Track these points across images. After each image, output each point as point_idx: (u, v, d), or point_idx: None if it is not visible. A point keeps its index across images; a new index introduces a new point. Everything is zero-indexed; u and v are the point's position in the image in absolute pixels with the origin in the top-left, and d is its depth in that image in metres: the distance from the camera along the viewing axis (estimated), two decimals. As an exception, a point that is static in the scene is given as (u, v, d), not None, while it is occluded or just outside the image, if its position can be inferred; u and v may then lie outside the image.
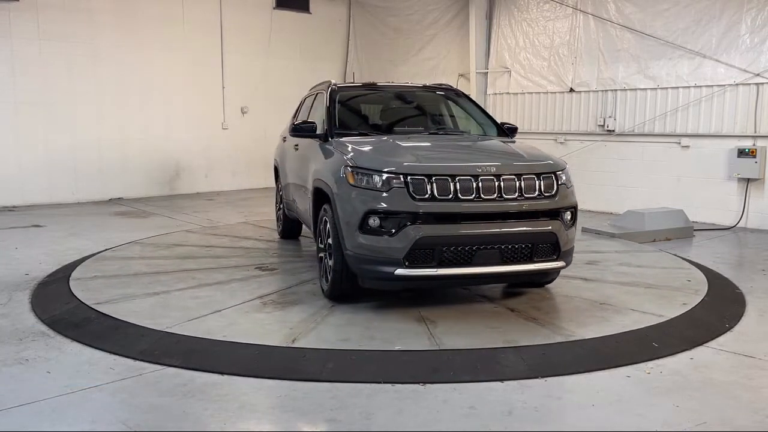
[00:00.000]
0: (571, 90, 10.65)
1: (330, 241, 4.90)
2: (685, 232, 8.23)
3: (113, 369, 3.81)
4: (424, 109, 6.70)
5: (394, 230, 4.42)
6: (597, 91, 10.31)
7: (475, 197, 4.49)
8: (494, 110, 11.46)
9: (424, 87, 6.87)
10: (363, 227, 4.50)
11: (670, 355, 4.07)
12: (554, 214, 4.70)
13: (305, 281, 5.66)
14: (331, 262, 4.90)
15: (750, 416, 3.29)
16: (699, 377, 3.75)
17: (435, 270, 4.47)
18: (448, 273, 4.51)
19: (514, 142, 5.77)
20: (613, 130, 10.11)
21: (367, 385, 3.61)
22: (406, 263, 4.43)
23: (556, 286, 5.52)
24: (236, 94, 12.86)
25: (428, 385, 3.61)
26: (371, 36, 14.07)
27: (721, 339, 4.39)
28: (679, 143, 9.37)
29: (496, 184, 4.54)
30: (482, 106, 6.83)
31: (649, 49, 9.56)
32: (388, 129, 6.11)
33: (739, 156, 8.62)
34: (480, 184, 4.51)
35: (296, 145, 6.52)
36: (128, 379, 3.68)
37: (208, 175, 12.76)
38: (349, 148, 5.08)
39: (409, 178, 4.47)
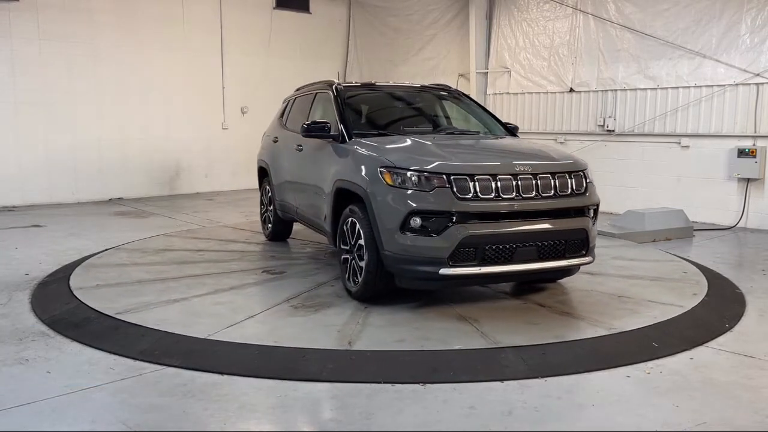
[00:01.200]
0: (571, 90, 10.65)
1: (362, 242, 4.82)
2: (685, 232, 8.23)
3: (113, 369, 3.81)
4: (432, 110, 6.70)
5: (438, 230, 4.42)
6: (597, 91, 10.31)
7: (515, 196, 4.57)
8: (494, 110, 11.43)
9: (428, 87, 6.87)
10: (404, 227, 4.49)
11: (670, 355, 4.07)
12: (584, 211, 4.87)
13: (321, 283, 5.59)
14: (362, 263, 4.84)
15: (750, 416, 3.29)
16: (699, 377, 3.75)
17: (478, 268, 4.52)
18: (490, 271, 4.58)
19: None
20: (613, 130, 10.11)
21: (367, 385, 3.61)
22: (450, 263, 4.44)
23: (567, 281, 5.59)
24: (236, 94, 12.87)
25: (428, 385, 3.60)
26: (371, 36, 14.07)
27: (721, 339, 4.39)
28: (679, 143, 9.37)
29: (534, 182, 4.64)
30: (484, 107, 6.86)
31: (649, 49, 9.56)
32: (401, 129, 6.05)
33: (739, 156, 8.61)
34: (519, 182, 4.59)
35: (299, 146, 6.39)
36: (128, 379, 3.68)
37: (208, 175, 12.76)
38: (379, 148, 5.03)
39: (452, 177, 4.48)
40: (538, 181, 4.65)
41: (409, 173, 4.55)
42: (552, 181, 4.71)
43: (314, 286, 5.53)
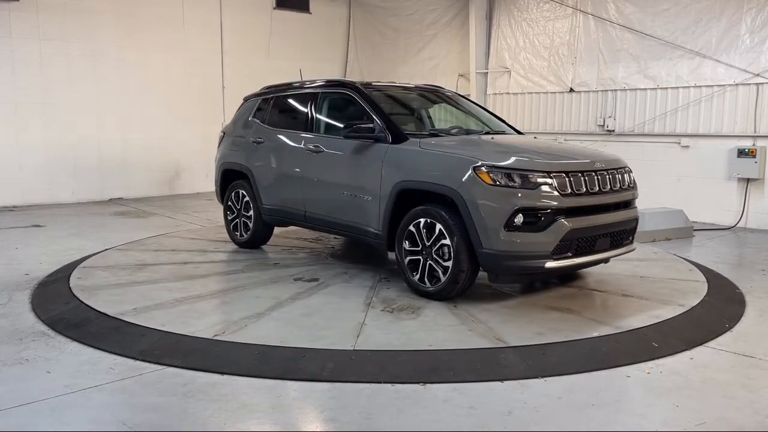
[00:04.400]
0: (571, 90, 10.65)
1: (445, 241, 4.84)
2: (684, 232, 8.23)
3: (113, 369, 3.81)
4: (444, 111, 6.80)
5: (543, 226, 4.60)
6: (597, 91, 10.31)
7: (598, 190, 4.92)
8: (494, 110, 11.43)
9: (434, 89, 6.92)
10: (508, 225, 4.58)
11: (670, 355, 4.08)
12: (635, 202, 5.42)
13: (371, 287, 5.43)
14: (447, 263, 4.87)
15: (750, 416, 3.29)
16: (699, 377, 3.76)
17: (572, 260, 4.79)
18: (580, 261, 4.92)
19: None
20: (613, 130, 10.11)
21: (367, 385, 3.61)
22: (554, 256, 4.64)
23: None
24: (236, 94, 12.73)
25: (428, 385, 3.61)
26: (371, 36, 14.07)
27: (721, 339, 4.40)
28: (679, 143, 9.37)
29: (608, 177, 5.03)
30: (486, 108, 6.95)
31: (649, 49, 9.56)
32: (428, 129, 6.11)
33: (738, 156, 8.62)
34: (599, 178, 4.95)
35: (315, 147, 6.04)
36: (128, 379, 3.68)
37: (209, 175, 12.65)
38: (460, 148, 5.19)
39: (553, 174, 4.68)
40: (610, 177, 5.04)
41: (510, 172, 4.67)
42: (618, 176, 5.14)
43: (369, 289, 5.37)
